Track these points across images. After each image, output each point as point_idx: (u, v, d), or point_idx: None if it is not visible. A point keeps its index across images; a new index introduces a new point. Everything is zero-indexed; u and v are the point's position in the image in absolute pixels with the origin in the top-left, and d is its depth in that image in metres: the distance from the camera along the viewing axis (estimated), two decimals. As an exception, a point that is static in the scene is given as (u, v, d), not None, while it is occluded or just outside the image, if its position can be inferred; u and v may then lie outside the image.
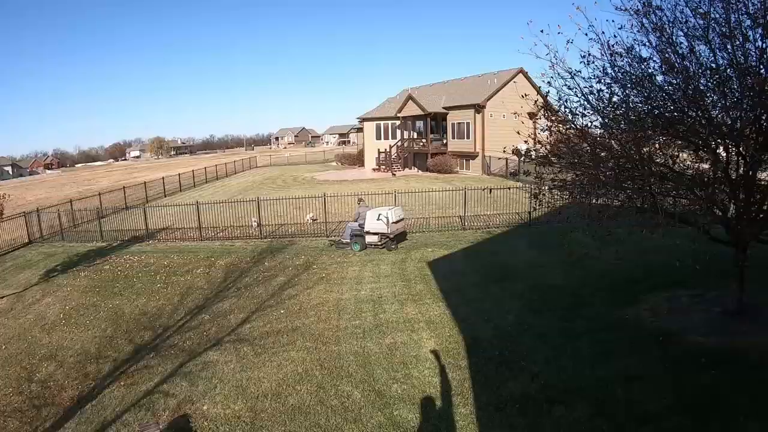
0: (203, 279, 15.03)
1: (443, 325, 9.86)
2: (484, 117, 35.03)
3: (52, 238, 23.21)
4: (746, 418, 5.58)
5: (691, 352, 7.22)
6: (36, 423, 7.99)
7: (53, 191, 52.25)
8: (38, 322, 12.50)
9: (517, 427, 6.26)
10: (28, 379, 9.52)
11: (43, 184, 68.55)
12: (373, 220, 16.57)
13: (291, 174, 48.56)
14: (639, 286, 10.25)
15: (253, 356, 9.39)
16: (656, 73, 6.97)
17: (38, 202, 29.69)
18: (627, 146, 7.05)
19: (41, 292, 15.12)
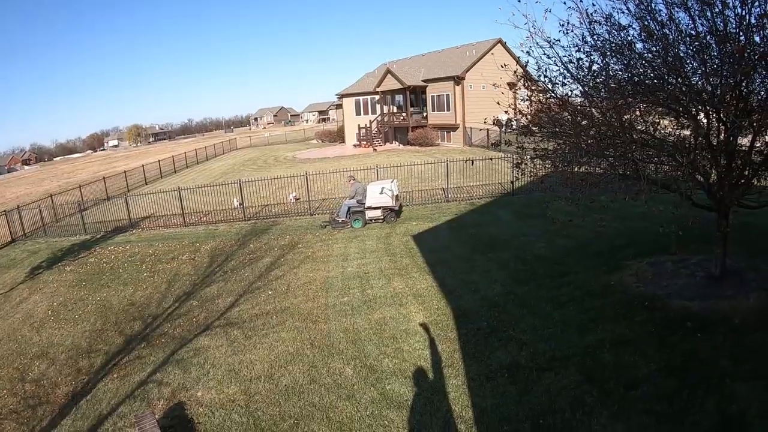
0: (189, 265, 14.94)
1: (431, 297, 9.93)
2: (464, 89, 34.87)
3: (34, 235, 22.88)
4: (732, 381, 5.70)
5: (677, 316, 7.33)
6: (32, 423, 7.94)
7: (33, 187, 51.35)
8: (27, 321, 12.37)
9: (507, 395, 6.36)
10: (21, 379, 9.45)
11: (22, 180, 67.30)
12: (375, 195, 16.56)
13: (272, 154, 48.16)
14: (623, 253, 10.39)
15: (244, 339, 9.40)
16: (636, 40, 6.96)
17: (18, 199, 29.16)
18: (608, 114, 7.07)
19: (28, 290, 14.94)
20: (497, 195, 18.39)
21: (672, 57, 6.41)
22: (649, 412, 5.54)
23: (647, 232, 7.80)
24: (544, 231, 12.99)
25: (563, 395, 6.14)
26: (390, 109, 42.58)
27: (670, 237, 7.10)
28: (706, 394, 5.62)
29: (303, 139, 66.46)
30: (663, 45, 6.41)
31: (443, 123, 37.36)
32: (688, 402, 5.56)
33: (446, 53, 40.90)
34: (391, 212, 16.82)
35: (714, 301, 7.50)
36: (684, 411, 5.44)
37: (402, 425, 6.20)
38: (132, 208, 22.17)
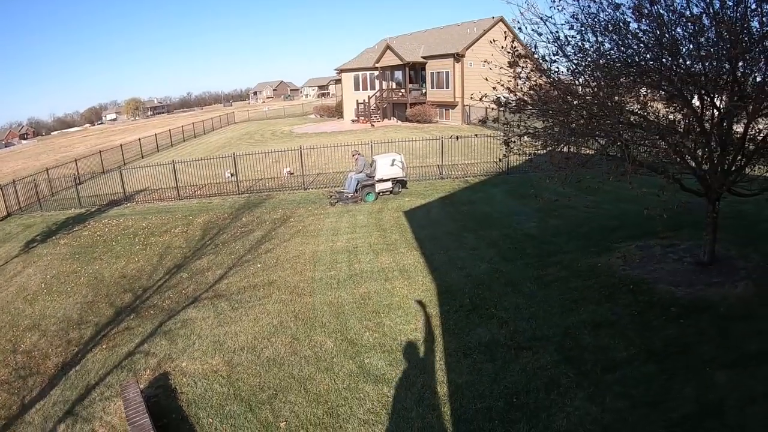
0: (181, 238, 14.97)
1: (417, 273, 9.96)
2: (464, 66, 34.51)
3: (30, 209, 22.84)
4: (712, 369, 5.66)
5: (661, 301, 7.29)
6: (23, 393, 8.03)
7: (30, 161, 51.13)
8: (20, 294, 12.41)
9: (483, 372, 6.40)
10: (13, 350, 9.52)
11: (19, 154, 66.87)
12: (386, 167, 16.68)
13: (269, 128, 47.91)
14: (613, 235, 10.36)
15: (230, 311, 9.46)
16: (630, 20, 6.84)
17: (15, 173, 29.01)
18: (597, 94, 6.99)
19: (22, 263, 14.98)
20: (492, 174, 18.34)
21: (667, 38, 6.30)
22: (626, 395, 5.54)
23: (639, 215, 7.76)
24: (536, 210, 12.98)
25: (539, 375, 6.16)
26: (389, 85, 42.23)
27: (661, 221, 7.04)
28: (684, 381, 5.58)
29: (302, 113, 65.99)
30: (657, 25, 6.30)
31: (442, 100, 37.08)
32: (666, 388, 5.54)
33: (447, 30, 40.38)
34: (398, 183, 17.12)
35: (701, 287, 7.43)
36: (661, 397, 5.44)
37: (377, 398, 6.26)
38: (127, 182, 22.09)
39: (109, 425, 6.71)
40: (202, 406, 6.68)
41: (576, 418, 5.36)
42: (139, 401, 6.12)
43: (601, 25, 6.86)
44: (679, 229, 9.66)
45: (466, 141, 19.25)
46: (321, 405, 6.31)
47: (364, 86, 44.16)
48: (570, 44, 7.23)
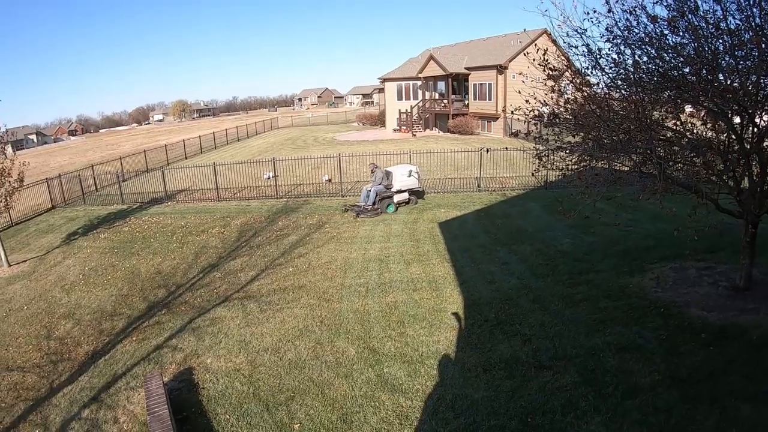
0: (218, 238, 15.30)
1: (445, 285, 9.91)
2: (506, 78, 34.23)
3: (74, 203, 23.69)
4: (737, 400, 5.42)
5: (691, 326, 7.04)
6: (53, 377, 8.34)
7: (76, 157, 53.05)
8: (58, 283, 12.89)
9: (501, 389, 6.31)
10: (47, 336, 9.90)
11: (67, 150, 69.56)
12: (404, 178, 16.65)
13: (312, 135, 48.54)
14: (648, 255, 10.08)
15: (259, 312, 9.61)
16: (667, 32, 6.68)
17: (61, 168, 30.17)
18: (633, 109, 6.84)
19: (62, 254, 15.54)
20: (530, 188, 18.11)
21: (706, 51, 6.12)
22: (644, 423, 5.35)
23: (677, 236, 7.50)
24: (570, 226, 12.75)
25: (558, 396, 6.03)
26: (431, 95, 42.23)
27: (699, 242, 6.78)
28: (708, 411, 5.35)
29: (344, 121, 66.67)
30: (695, 37, 6.13)
31: (484, 112, 36.86)
32: (688, 417, 5.33)
33: (491, 41, 40.17)
34: (414, 194, 17.23)
35: (734, 313, 7.14)
36: (681, 427, 5.22)
37: (391, 408, 6.25)
38: (168, 181, 22.74)
39: (131, 414, 6.92)
40: (222, 402, 6.82)
41: (590, 444, 5.23)
42: (161, 393, 6.27)
43: (638, 38, 6.71)
44: (716, 251, 9.32)
45: (505, 153, 19.03)
46: (336, 410, 6.35)
47: (406, 96, 44.29)
48: (605, 57, 7.10)
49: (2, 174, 14.30)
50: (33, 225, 20.34)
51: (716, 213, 7.08)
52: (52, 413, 7.30)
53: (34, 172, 25.95)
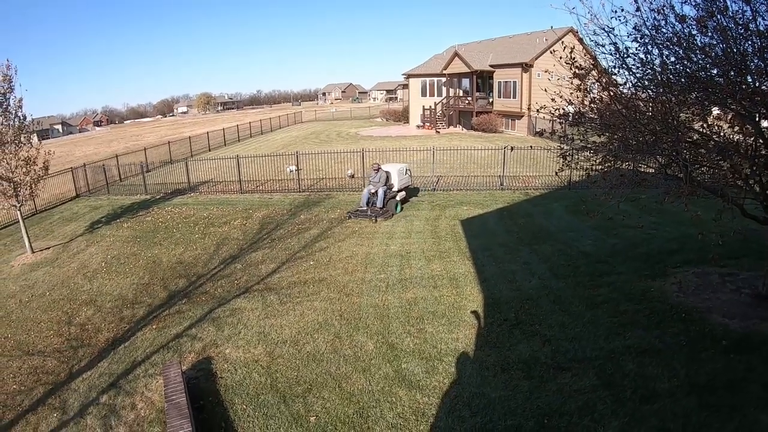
0: (239, 230, 15.45)
1: (466, 283, 9.88)
2: (531, 76, 33.90)
3: (98, 192, 24.10)
4: (756, 410, 5.31)
5: (713, 332, 6.91)
6: (72, 362, 8.54)
7: (101, 147, 53.90)
8: (81, 270, 13.16)
9: (519, 389, 6.28)
10: (68, 322, 10.12)
11: (92, 140, 70.71)
12: (402, 176, 16.60)
13: (335, 129, 48.68)
14: (670, 259, 9.89)
15: (279, 304, 9.69)
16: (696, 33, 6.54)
17: (86, 157, 30.70)
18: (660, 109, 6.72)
19: (85, 242, 15.84)
20: (553, 187, 17.92)
21: (735, 52, 5.98)
22: (661, 429, 5.28)
23: (701, 241, 7.35)
24: (594, 228, 12.59)
25: (575, 398, 5.98)
26: (456, 92, 42.05)
27: (723, 248, 6.63)
28: (726, 420, 5.25)
29: (368, 116, 66.72)
30: (723, 38, 6.00)
31: (508, 110, 36.58)
32: (705, 425, 5.23)
33: (516, 39, 39.81)
34: (408, 192, 17.43)
35: (756, 321, 6.98)
36: None
37: (408, 404, 6.27)
38: (192, 173, 23.02)
39: (149, 401, 7.05)
40: (239, 392, 6.90)
41: (606, 448, 5.17)
42: (179, 381, 6.37)
43: (665, 38, 6.59)
44: (740, 258, 9.11)
45: (529, 152, 18.93)
46: (353, 404, 6.39)
47: (431, 92, 44.17)
48: (632, 57, 6.98)
49: (28, 162, 14.57)
50: (57, 213, 20.75)
51: (741, 218, 6.90)
52: (71, 397, 7.47)
53: (59, 162, 26.38)
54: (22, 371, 8.36)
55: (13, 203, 14.75)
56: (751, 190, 6.78)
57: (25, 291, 12.05)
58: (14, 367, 8.50)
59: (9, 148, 14.20)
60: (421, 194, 18.60)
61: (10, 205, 14.94)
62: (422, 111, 43.27)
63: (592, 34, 7.06)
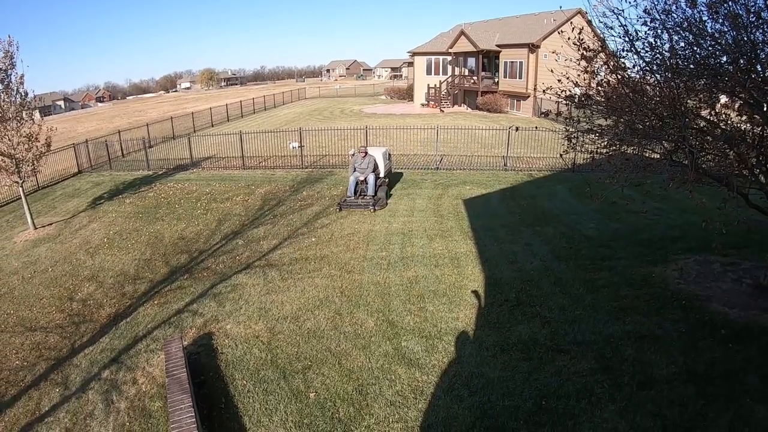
0: (241, 206, 15.45)
1: (467, 262, 9.90)
2: (538, 57, 33.53)
3: (100, 168, 23.93)
4: (753, 401, 5.33)
5: (712, 321, 6.92)
6: (74, 338, 8.57)
7: (103, 123, 53.53)
8: (83, 246, 13.14)
9: (518, 370, 6.33)
10: (70, 298, 10.14)
11: (94, 116, 70.13)
12: (386, 160, 15.82)
13: (339, 106, 48.36)
14: (672, 246, 9.88)
15: (280, 281, 9.73)
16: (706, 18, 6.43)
17: (88, 133, 30.46)
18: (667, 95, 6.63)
19: (88, 218, 15.80)
20: (557, 170, 17.84)
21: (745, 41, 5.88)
22: (658, 415, 5.32)
23: (704, 229, 7.31)
24: (596, 211, 12.56)
25: (573, 381, 6.02)
26: (461, 71, 41.63)
27: (726, 237, 6.59)
28: (722, 409, 5.28)
29: (372, 94, 66.20)
30: (734, 25, 5.90)
31: (514, 90, 36.26)
32: (701, 414, 5.26)
33: (523, 19, 39.27)
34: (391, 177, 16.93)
35: (756, 312, 6.98)
36: (694, 422, 5.16)
37: (407, 382, 6.32)
38: (194, 148, 22.94)
39: (150, 375, 7.10)
40: (239, 368, 6.96)
41: (602, 431, 5.22)
42: (180, 356, 6.41)
43: (675, 23, 6.48)
44: (742, 248, 9.09)
45: (533, 133, 18.81)
46: (352, 381, 6.44)
47: (436, 71, 43.77)
48: (641, 40, 6.87)
49: (30, 139, 14.49)
50: (59, 189, 20.67)
51: (746, 208, 6.87)
52: (73, 373, 7.52)
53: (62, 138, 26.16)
54: (25, 347, 8.40)
55: (15, 180, 14.69)
56: (756, 180, 6.73)
57: (28, 267, 12.06)
58: (17, 343, 8.54)
59: (11, 124, 14.11)
60: (424, 173, 18.53)
61: (12, 181, 14.87)
62: (427, 89, 42.93)
63: (601, 16, 6.96)
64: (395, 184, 16.85)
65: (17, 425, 6.43)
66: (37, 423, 6.45)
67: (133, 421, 6.22)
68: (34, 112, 15.22)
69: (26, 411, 6.72)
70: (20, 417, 6.60)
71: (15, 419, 6.57)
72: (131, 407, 6.49)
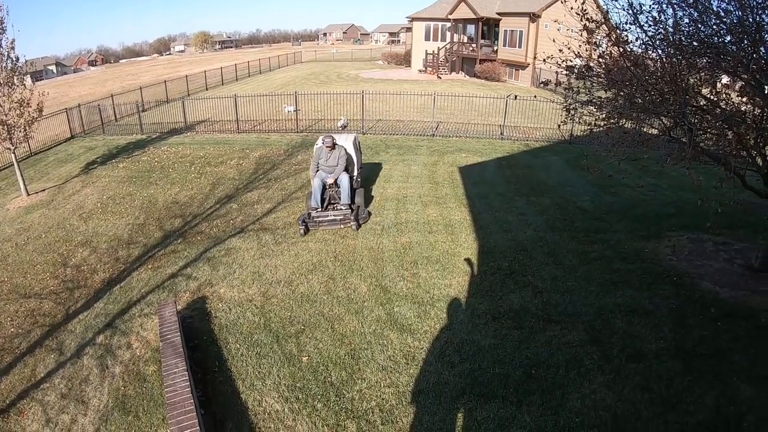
0: (236, 170, 15.34)
1: (461, 230, 9.92)
2: (539, 27, 33.05)
3: (93, 133, 23.52)
4: (739, 380, 5.39)
5: (702, 299, 6.96)
6: (68, 304, 8.55)
7: (96, 87, 52.32)
8: (76, 212, 13.00)
9: (508, 338, 6.39)
10: (64, 264, 10.07)
11: (87, 80, 68.44)
12: (358, 152, 11.85)
13: (335, 71, 47.65)
14: (666, 222, 9.88)
15: (274, 245, 9.73)
16: None
17: (81, 98, 29.70)
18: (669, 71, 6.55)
19: (81, 183, 15.60)
20: (554, 141, 17.77)
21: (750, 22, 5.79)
22: (645, 389, 5.39)
23: (697, 206, 7.31)
24: (592, 184, 12.54)
25: (563, 351, 6.09)
26: (460, 38, 40.99)
27: (720, 217, 6.58)
28: (708, 386, 5.35)
29: (369, 58, 65.30)
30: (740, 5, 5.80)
31: (513, 60, 35.81)
32: (688, 389, 5.33)
33: (526, -14, 38.54)
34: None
35: (746, 293, 7.02)
36: (681, 397, 5.23)
37: (399, 347, 6.39)
38: (188, 112, 22.61)
39: (144, 340, 7.14)
40: (233, 331, 7.00)
41: (590, 402, 5.29)
42: (174, 320, 6.43)
43: None
44: (736, 228, 9.10)
45: (531, 103, 18.68)
46: (345, 346, 6.51)
47: (434, 37, 43.08)
48: (645, 14, 6.76)
49: (21, 104, 14.24)
50: (52, 155, 20.33)
51: (742, 189, 6.86)
52: (68, 339, 7.53)
53: (54, 103, 25.63)
54: (19, 314, 8.37)
55: (7, 146, 14.48)
56: (754, 162, 6.72)
57: (21, 234, 11.95)
58: (11, 311, 8.51)
59: (2, 90, 13.85)
60: (420, 139, 18.45)
61: (4, 148, 14.66)
62: (425, 55, 42.33)
63: None
64: (390, 151, 16.70)
65: (13, 392, 6.45)
66: (33, 389, 6.47)
67: (128, 385, 6.26)
68: (26, 78, 15.00)
69: (22, 378, 6.73)
70: (16, 384, 6.62)
71: (11, 386, 6.59)
72: (126, 372, 6.53)
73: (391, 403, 5.53)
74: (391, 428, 5.19)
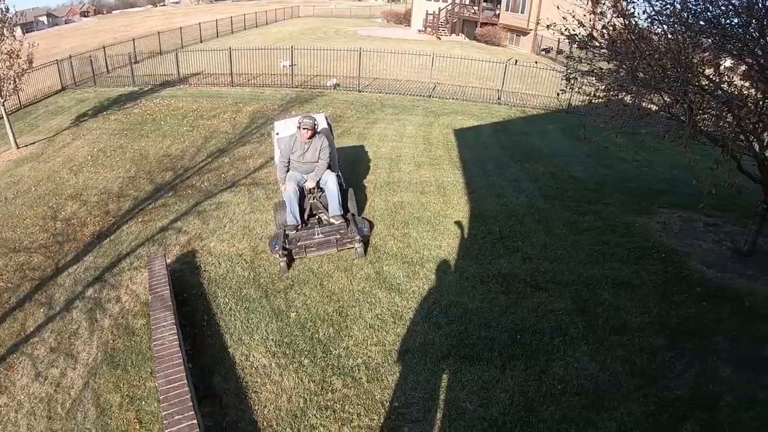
0: (229, 124, 15.15)
1: (454, 192, 9.91)
2: (543, -8, 32.41)
3: (84, 84, 22.90)
4: (719, 360, 5.45)
5: (689, 278, 6.99)
6: (58, 257, 8.44)
7: (88, 39, 50.52)
8: (66, 164, 12.74)
9: (495, 302, 6.45)
10: (53, 217, 9.91)
11: (78, 32, 66.06)
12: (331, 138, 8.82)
13: (333, 27, 46.65)
14: (658, 199, 9.87)
15: (265, 199, 9.69)
16: None
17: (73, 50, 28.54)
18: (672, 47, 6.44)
19: (71, 135, 15.27)
20: (551, 109, 17.63)
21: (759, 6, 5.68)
22: (627, 361, 5.46)
23: (691, 186, 7.30)
24: (587, 155, 12.49)
25: (549, 318, 6.15)
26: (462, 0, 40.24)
27: (713, 198, 6.56)
28: (689, 364, 5.41)
29: (368, 16, 63.95)
30: None
31: (515, 25, 35.22)
32: (669, 365, 5.41)
33: (533, -51, 37.58)
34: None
35: (732, 275, 7.05)
36: (661, 372, 5.31)
37: (387, 306, 6.44)
38: (182, 64, 22.13)
39: (134, 293, 7.12)
40: (222, 286, 7.01)
41: (573, 370, 5.37)
42: (163, 274, 6.42)
43: None
44: (727, 211, 9.11)
45: (530, 70, 18.38)
46: (333, 303, 6.55)
47: (436, -4, 42.25)
48: None
49: (11, 56, 13.89)
50: (42, 107, 19.81)
51: (737, 173, 6.82)
52: (57, 292, 7.47)
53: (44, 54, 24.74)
54: (9, 268, 8.25)
55: (-4, 99, 14.19)
56: (751, 147, 6.70)
57: (10, 187, 11.70)
58: (0, 265, 8.40)
59: (-9, 41, 13.49)
60: (416, 100, 18.27)
61: (-7, 100, 14.35)
62: (425, 15, 41.60)
63: None
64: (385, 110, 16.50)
65: (3, 346, 6.42)
66: (23, 343, 6.45)
67: (117, 338, 6.27)
68: (16, 29, 14.62)
69: (11, 332, 6.69)
70: (5, 338, 6.58)
71: (0, 341, 6.56)
72: (115, 325, 6.52)
73: (377, 361, 5.60)
74: (377, 386, 5.26)
